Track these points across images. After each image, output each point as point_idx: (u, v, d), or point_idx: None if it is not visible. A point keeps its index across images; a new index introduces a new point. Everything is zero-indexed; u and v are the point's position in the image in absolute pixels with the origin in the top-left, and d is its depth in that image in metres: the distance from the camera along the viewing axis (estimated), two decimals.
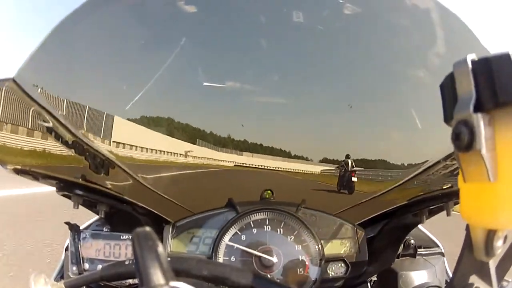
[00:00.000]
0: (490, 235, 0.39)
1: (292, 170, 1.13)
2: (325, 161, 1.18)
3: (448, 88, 0.40)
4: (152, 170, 1.07)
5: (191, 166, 1.10)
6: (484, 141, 0.35)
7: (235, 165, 1.11)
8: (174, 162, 1.08)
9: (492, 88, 0.34)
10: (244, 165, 1.12)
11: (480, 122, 0.35)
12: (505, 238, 0.40)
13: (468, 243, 0.44)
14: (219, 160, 1.10)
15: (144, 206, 1.07)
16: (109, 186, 1.02)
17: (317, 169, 1.17)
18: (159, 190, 1.06)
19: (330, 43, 1.00)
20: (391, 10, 0.93)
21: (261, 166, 1.11)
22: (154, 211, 1.08)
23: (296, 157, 1.12)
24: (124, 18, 0.93)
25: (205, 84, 0.98)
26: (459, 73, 0.38)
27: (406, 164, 1.07)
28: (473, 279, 0.47)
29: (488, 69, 0.34)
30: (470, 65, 0.36)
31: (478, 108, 0.35)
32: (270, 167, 1.12)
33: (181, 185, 1.12)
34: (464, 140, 0.36)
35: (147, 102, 0.98)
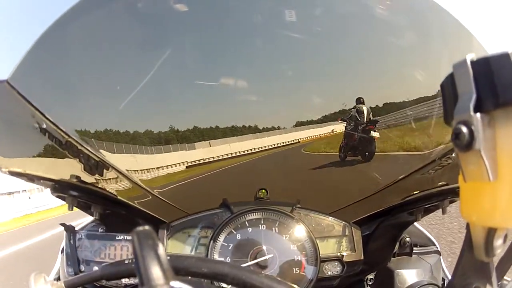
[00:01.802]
0: (490, 234, 0.39)
1: (289, 143, 1.05)
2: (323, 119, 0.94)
3: (448, 88, 0.40)
4: (146, 172, 1.07)
5: (187, 169, 1.09)
6: (484, 141, 0.35)
7: (230, 158, 1.11)
8: (170, 166, 1.07)
9: (492, 89, 0.34)
10: (240, 153, 1.11)
11: (480, 122, 0.35)
12: (505, 237, 0.41)
13: (468, 243, 0.45)
14: (212, 158, 1.09)
15: (138, 207, 1.07)
16: (104, 187, 1.02)
17: (324, 130, 0.95)
18: (154, 191, 1.06)
19: (325, 42, 1.01)
20: (387, 10, 0.93)
21: (260, 148, 1.09)
22: (148, 212, 1.08)
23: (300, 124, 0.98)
24: (116, 19, 0.93)
25: (196, 82, 0.98)
26: (459, 74, 0.38)
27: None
28: (473, 278, 0.47)
29: (488, 70, 0.35)
30: (470, 66, 0.36)
31: (478, 108, 0.35)
32: (273, 145, 1.08)
33: (175, 186, 1.12)
34: (464, 140, 0.36)
35: (141, 102, 0.98)
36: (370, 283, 1.18)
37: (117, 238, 1.08)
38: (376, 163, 1.07)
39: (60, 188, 1.03)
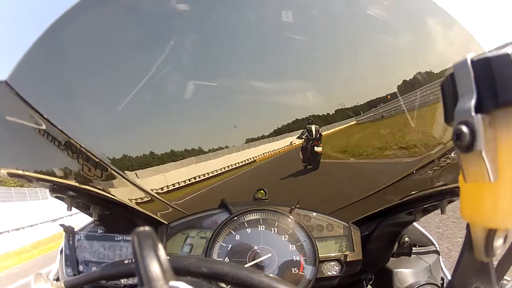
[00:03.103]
0: (490, 234, 0.39)
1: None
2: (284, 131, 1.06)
3: (449, 88, 0.40)
4: (145, 173, 1.07)
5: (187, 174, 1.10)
6: (485, 141, 0.35)
7: (228, 170, 1.12)
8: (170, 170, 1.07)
9: (493, 89, 0.34)
10: (238, 164, 1.12)
11: (480, 122, 0.35)
12: (505, 237, 0.41)
13: (468, 243, 0.45)
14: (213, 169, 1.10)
15: (137, 208, 1.07)
16: (103, 188, 1.02)
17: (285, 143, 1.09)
18: (153, 192, 1.06)
19: (323, 43, 1.01)
20: (385, 9, 0.93)
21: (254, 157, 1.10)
22: (147, 212, 1.07)
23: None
24: (115, 19, 0.93)
25: (196, 82, 0.98)
26: (459, 74, 0.38)
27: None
28: (473, 278, 0.47)
29: (489, 70, 0.35)
30: (470, 66, 0.36)
31: (479, 108, 0.35)
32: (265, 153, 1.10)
33: (174, 187, 1.12)
34: (465, 140, 0.36)
35: (140, 104, 0.98)
36: (369, 283, 1.18)
37: (116, 239, 1.08)
38: (376, 164, 1.07)
39: (59, 188, 1.02)
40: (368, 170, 1.13)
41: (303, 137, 1.05)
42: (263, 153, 1.11)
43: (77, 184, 0.99)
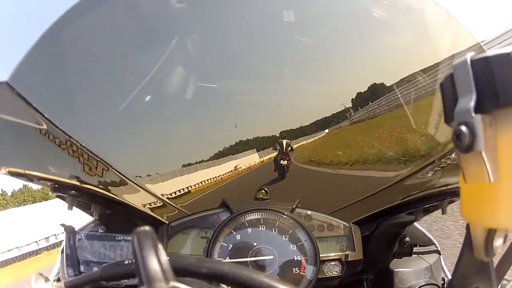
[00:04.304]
0: (490, 234, 0.39)
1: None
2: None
3: (448, 89, 0.40)
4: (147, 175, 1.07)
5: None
6: (485, 142, 0.35)
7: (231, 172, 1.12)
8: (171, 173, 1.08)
9: (493, 89, 0.34)
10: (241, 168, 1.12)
11: (480, 123, 0.35)
12: (505, 237, 0.40)
13: (468, 243, 0.44)
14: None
15: (138, 207, 1.07)
16: (104, 187, 1.02)
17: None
18: (154, 192, 1.06)
19: (324, 43, 1.01)
20: (383, 8, 0.93)
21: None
22: (148, 212, 1.07)
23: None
24: (115, 19, 0.93)
25: (199, 84, 0.98)
26: (459, 74, 0.38)
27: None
28: (473, 278, 0.47)
29: (489, 69, 0.34)
30: (470, 66, 0.36)
31: (478, 108, 0.35)
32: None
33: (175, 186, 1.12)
34: (465, 141, 0.36)
35: (140, 105, 0.98)
36: (370, 283, 1.18)
37: (116, 238, 1.08)
38: (377, 165, 1.08)
39: (60, 188, 1.02)
40: (369, 170, 1.13)
41: (277, 148, 1.13)
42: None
43: (78, 183, 0.99)
